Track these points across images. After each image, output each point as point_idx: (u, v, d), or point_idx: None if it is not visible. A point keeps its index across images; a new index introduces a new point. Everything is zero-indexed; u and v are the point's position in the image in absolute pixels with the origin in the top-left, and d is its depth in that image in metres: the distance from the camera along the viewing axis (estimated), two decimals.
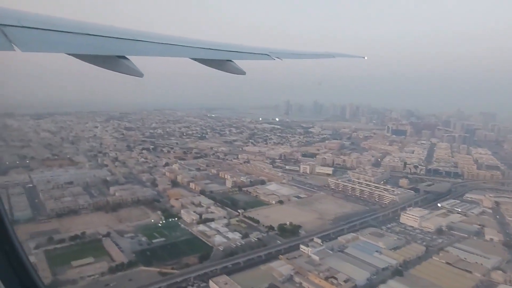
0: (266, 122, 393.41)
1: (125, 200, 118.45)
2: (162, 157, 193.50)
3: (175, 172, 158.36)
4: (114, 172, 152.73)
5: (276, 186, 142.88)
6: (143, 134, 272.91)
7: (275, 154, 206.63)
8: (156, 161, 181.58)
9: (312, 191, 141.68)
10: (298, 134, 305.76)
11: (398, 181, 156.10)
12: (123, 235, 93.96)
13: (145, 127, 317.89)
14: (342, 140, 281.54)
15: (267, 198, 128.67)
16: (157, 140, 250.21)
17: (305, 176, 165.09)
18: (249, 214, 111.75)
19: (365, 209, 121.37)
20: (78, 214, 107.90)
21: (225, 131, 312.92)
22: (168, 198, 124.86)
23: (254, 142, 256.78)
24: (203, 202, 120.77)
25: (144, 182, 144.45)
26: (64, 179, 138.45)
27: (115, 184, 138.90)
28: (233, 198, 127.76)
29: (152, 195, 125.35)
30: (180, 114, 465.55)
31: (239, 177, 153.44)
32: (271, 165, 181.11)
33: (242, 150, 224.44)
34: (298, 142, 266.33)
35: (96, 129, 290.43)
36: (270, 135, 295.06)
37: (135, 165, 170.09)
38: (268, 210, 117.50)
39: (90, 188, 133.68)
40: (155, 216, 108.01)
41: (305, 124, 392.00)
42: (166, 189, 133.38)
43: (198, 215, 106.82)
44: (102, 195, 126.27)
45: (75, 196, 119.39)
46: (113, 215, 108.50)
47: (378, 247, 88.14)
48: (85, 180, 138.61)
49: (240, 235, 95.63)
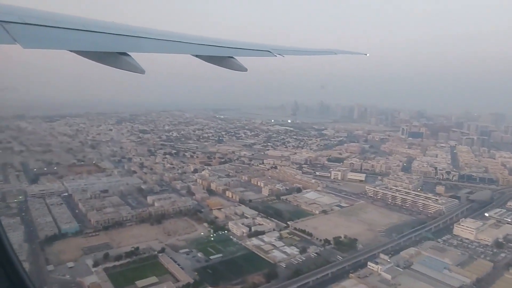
0: (278, 124, 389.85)
1: (166, 211, 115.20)
2: (187, 162, 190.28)
3: (207, 179, 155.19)
4: (146, 180, 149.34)
5: (314, 194, 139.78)
6: (160, 138, 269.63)
7: (300, 158, 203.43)
8: (183, 167, 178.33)
9: (351, 199, 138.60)
10: (313, 137, 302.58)
11: (434, 188, 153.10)
12: (178, 251, 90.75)
13: (159, 130, 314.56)
14: (360, 143, 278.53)
15: (309, 208, 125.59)
16: (176, 144, 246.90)
17: (338, 183, 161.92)
18: (298, 225, 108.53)
19: (413, 220, 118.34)
20: (124, 227, 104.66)
21: (240, 133, 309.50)
22: (209, 208, 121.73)
23: (273, 146, 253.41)
24: (246, 212, 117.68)
25: (179, 191, 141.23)
26: (98, 188, 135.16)
27: (151, 192, 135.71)
28: (275, 208, 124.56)
29: (193, 205, 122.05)
30: (189, 116, 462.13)
31: (273, 184, 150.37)
32: (300, 171, 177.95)
33: (264, 155, 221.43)
34: (317, 145, 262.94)
35: (111, 132, 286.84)
36: (286, 138, 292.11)
37: (164, 171, 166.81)
38: (314, 221, 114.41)
39: (126, 197, 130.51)
40: (202, 229, 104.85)
41: (316, 126, 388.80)
42: (204, 198, 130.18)
43: (247, 228, 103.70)
44: (141, 205, 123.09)
45: (115, 206, 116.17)
46: (159, 227, 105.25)
47: (444, 263, 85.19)
48: (119, 189, 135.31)
49: (297, 249, 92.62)
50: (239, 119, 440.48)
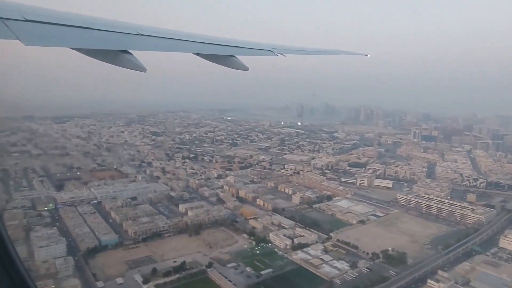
0: (287, 126, 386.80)
1: (202, 221, 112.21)
2: (208, 167, 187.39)
3: (233, 185, 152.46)
4: (172, 186, 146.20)
5: (346, 202, 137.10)
6: (173, 140, 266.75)
7: (321, 163, 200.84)
8: (205, 172, 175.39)
9: (383, 208, 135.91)
10: (326, 140, 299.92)
11: (464, 196, 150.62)
12: (225, 265, 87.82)
13: (171, 132, 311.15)
14: (374, 147, 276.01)
15: (345, 217, 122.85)
16: (191, 147, 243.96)
17: (365, 190, 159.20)
18: (339, 237, 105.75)
19: (454, 231, 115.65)
20: (162, 238, 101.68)
21: (252, 136, 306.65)
22: (244, 218, 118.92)
23: (289, 150, 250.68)
24: (283, 222, 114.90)
25: (207, 198, 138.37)
26: (126, 195, 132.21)
27: (180, 200, 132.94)
28: (310, 217, 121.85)
29: (227, 214, 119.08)
30: (196, 117, 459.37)
31: (302, 191, 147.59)
32: (324, 177, 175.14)
33: (282, 159, 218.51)
34: (332, 149, 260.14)
35: (124, 134, 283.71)
36: (299, 141, 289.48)
37: (187, 177, 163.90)
38: (353, 231, 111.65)
39: (157, 205, 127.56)
40: (243, 240, 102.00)
41: (326, 128, 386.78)
42: (237, 207, 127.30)
43: (289, 239, 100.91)
44: (173, 213, 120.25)
45: (150, 216, 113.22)
46: (198, 238, 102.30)
47: (503, 280, 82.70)
48: (148, 196, 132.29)
49: (347, 264, 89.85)
50: (247, 121, 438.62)
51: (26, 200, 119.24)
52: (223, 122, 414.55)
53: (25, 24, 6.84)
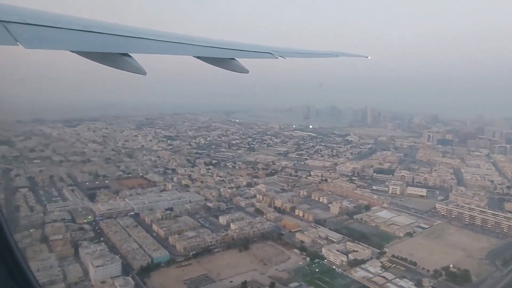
0: (298, 129, 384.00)
1: (247, 234, 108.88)
2: (234, 174, 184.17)
3: (265, 194, 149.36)
4: (205, 196, 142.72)
5: (387, 213, 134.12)
6: (189, 145, 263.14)
7: (346, 170, 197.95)
8: (232, 180, 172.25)
9: (425, 218, 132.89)
10: (341, 144, 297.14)
11: (501, 204, 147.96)
12: (287, 285, 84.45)
13: (184, 136, 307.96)
14: (391, 151, 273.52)
15: (390, 229, 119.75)
16: (209, 152, 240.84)
17: (399, 198, 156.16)
18: (392, 251, 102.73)
19: (505, 244, 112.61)
20: (212, 254, 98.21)
21: (266, 140, 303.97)
22: (289, 230, 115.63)
23: (308, 155, 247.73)
24: (330, 235, 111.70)
25: (244, 208, 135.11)
26: (162, 205, 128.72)
27: (218, 211, 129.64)
28: (355, 229, 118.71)
29: (270, 226, 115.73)
30: (204, 120, 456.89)
31: (337, 201, 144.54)
32: (353, 184, 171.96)
33: (305, 165, 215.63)
34: (351, 153, 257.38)
35: (138, 138, 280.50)
36: (315, 145, 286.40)
37: (216, 185, 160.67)
38: (404, 245, 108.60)
39: (195, 216, 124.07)
40: (295, 256, 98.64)
41: (336, 131, 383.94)
42: (278, 219, 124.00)
43: (344, 255, 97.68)
44: (215, 226, 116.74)
45: (193, 229, 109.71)
46: (249, 254, 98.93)
47: None
48: (184, 207, 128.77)
49: (412, 283, 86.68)
50: (255, 123, 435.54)
51: (63, 212, 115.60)
52: (233, 125, 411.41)
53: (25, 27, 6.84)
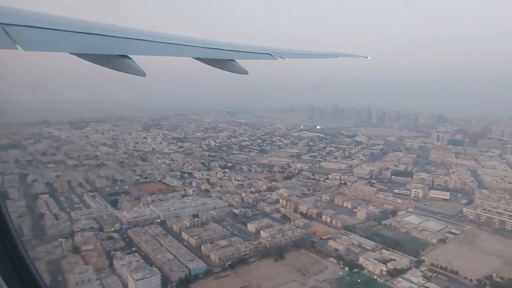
0: (306, 130, 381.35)
1: (279, 243, 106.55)
2: (251, 177, 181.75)
3: (288, 199, 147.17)
4: (229, 202, 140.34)
5: (415, 218, 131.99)
6: (200, 147, 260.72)
7: (363, 172, 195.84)
8: (251, 184, 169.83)
9: (454, 223, 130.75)
10: (351, 145, 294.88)
11: None
12: None
13: (193, 138, 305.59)
14: (403, 152, 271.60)
15: (422, 235, 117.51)
16: (221, 154, 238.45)
17: (423, 202, 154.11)
18: (429, 259, 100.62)
19: None
20: (248, 264, 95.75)
21: (276, 141, 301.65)
22: (320, 237, 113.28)
23: (321, 156, 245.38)
24: (363, 242, 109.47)
25: (269, 214, 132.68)
26: (187, 212, 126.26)
27: (244, 217, 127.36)
28: (387, 236, 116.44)
29: (301, 233, 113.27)
30: (209, 120, 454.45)
31: (361, 205, 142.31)
32: (373, 187, 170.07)
33: (320, 167, 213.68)
34: (363, 155, 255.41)
35: (147, 140, 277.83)
36: (325, 146, 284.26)
37: (237, 189, 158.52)
38: (440, 252, 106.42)
39: (223, 223, 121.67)
40: (333, 266, 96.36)
41: (344, 131, 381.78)
42: (306, 225, 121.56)
43: (382, 264, 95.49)
44: (244, 233, 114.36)
45: (224, 237, 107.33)
46: (285, 263, 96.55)
47: None
48: (210, 214, 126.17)
49: None
50: (261, 124, 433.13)
51: (89, 220, 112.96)
52: (239, 125, 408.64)
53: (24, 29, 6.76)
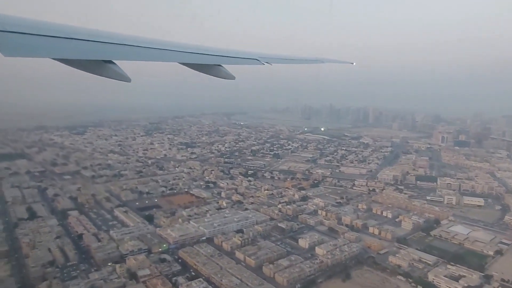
0: (309, 132, 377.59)
1: (339, 260, 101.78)
2: (278, 186, 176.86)
3: (326, 209, 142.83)
4: (269, 214, 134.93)
5: (462, 228, 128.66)
6: (212, 153, 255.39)
7: (387, 177, 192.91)
8: (281, 193, 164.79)
9: (500, 232, 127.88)
10: (360, 147, 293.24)
11: None
12: None
13: (200, 142, 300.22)
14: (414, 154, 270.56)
15: (476, 247, 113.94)
16: (236, 160, 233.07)
17: (459, 209, 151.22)
18: (495, 273, 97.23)
19: None
20: (317, 285, 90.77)
21: (285, 145, 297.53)
22: (376, 252, 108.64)
23: (336, 161, 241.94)
24: (423, 257, 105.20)
25: (314, 227, 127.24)
26: (231, 228, 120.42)
27: (290, 232, 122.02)
28: (441, 249, 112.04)
29: (357, 249, 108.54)
30: (207, 123, 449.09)
31: (403, 215, 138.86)
32: (403, 194, 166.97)
33: (340, 173, 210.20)
34: (376, 158, 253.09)
35: (155, 146, 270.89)
36: (336, 150, 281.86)
37: (269, 200, 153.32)
38: (501, 265, 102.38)
39: (271, 238, 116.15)
40: (404, 285, 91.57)
41: (347, 133, 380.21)
42: (357, 238, 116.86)
43: (455, 281, 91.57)
44: (297, 249, 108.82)
45: (281, 256, 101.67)
46: (354, 283, 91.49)
47: None
48: (256, 229, 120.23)
49: None
50: (261, 126, 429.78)
51: (135, 241, 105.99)
52: (240, 128, 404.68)
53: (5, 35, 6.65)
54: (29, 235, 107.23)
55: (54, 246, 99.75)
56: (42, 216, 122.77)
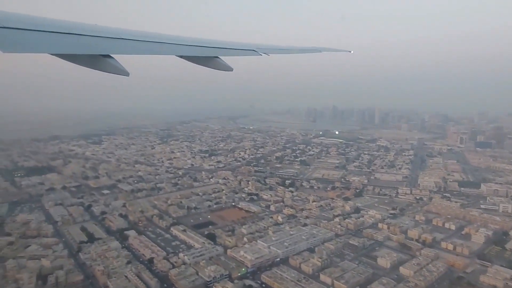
0: (323, 136, 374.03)
1: (431, 281, 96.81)
2: (322, 196, 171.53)
3: (388, 222, 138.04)
4: (333, 230, 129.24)
5: None
6: (237, 161, 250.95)
7: (429, 184, 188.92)
8: (329, 204, 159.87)
9: None
10: (382, 151, 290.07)
11: None
12: None
13: (220, 149, 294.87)
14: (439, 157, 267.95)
15: None
16: (266, 169, 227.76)
17: None
18: None
19: None
20: None
21: (305, 150, 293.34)
22: (463, 271, 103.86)
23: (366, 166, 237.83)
24: None
25: (382, 243, 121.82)
26: (301, 246, 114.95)
27: (363, 249, 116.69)
28: None
29: (443, 268, 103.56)
30: (216, 128, 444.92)
31: (468, 226, 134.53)
32: (454, 202, 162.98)
33: (376, 179, 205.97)
34: (403, 162, 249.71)
35: (177, 155, 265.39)
36: (360, 154, 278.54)
37: (321, 212, 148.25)
38: None
39: (346, 257, 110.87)
40: None
41: (361, 135, 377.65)
42: (436, 256, 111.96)
43: None
44: (382, 270, 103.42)
45: (371, 279, 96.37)
46: None
47: None
48: (328, 248, 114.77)
49: None
50: (271, 130, 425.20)
51: (212, 266, 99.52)
52: (251, 132, 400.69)
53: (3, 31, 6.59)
54: (97, 260, 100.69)
55: (130, 273, 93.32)
56: (101, 238, 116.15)
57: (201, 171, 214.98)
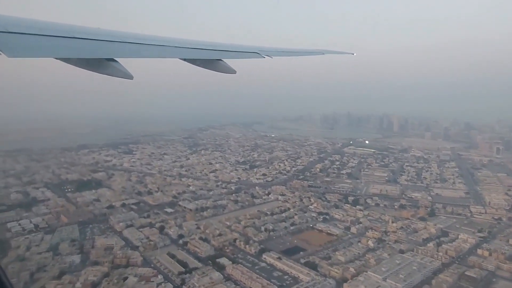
0: (353, 145, 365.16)
1: None
2: (395, 216, 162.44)
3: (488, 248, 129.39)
4: (433, 257, 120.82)
5: None
6: (280, 173, 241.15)
7: (498, 202, 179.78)
8: (409, 225, 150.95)
9: None
10: (421, 162, 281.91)
11: None
12: None
13: (257, 161, 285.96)
14: (488, 171, 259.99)
15: None
16: (316, 183, 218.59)
17: None
18: None
19: None
20: None
21: (344, 162, 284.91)
22: None
23: (416, 180, 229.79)
24: None
25: (493, 272, 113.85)
26: (416, 279, 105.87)
27: (481, 281, 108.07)
28: None
29: None
30: (237, 136, 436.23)
31: None
32: None
33: (438, 196, 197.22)
34: (452, 175, 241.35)
35: (216, 166, 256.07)
36: (402, 165, 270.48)
37: (407, 235, 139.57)
38: None
39: None
40: None
41: (390, 144, 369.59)
42: None
43: None
44: None
45: None
46: None
47: None
48: (444, 281, 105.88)
49: None
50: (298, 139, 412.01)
51: None
52: (276, 141, 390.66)
53: (7, 35, 6.56)
54: None
55: None
56: (197, 267, 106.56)
57: (251, 185, 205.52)
